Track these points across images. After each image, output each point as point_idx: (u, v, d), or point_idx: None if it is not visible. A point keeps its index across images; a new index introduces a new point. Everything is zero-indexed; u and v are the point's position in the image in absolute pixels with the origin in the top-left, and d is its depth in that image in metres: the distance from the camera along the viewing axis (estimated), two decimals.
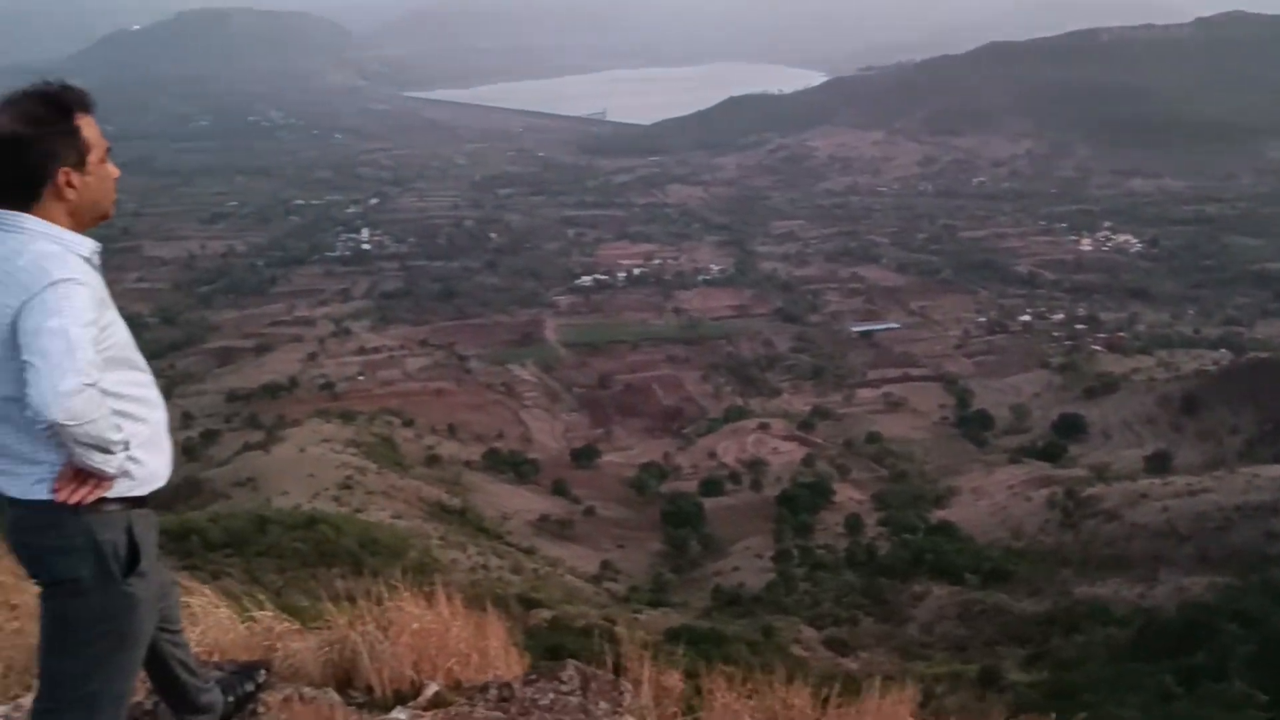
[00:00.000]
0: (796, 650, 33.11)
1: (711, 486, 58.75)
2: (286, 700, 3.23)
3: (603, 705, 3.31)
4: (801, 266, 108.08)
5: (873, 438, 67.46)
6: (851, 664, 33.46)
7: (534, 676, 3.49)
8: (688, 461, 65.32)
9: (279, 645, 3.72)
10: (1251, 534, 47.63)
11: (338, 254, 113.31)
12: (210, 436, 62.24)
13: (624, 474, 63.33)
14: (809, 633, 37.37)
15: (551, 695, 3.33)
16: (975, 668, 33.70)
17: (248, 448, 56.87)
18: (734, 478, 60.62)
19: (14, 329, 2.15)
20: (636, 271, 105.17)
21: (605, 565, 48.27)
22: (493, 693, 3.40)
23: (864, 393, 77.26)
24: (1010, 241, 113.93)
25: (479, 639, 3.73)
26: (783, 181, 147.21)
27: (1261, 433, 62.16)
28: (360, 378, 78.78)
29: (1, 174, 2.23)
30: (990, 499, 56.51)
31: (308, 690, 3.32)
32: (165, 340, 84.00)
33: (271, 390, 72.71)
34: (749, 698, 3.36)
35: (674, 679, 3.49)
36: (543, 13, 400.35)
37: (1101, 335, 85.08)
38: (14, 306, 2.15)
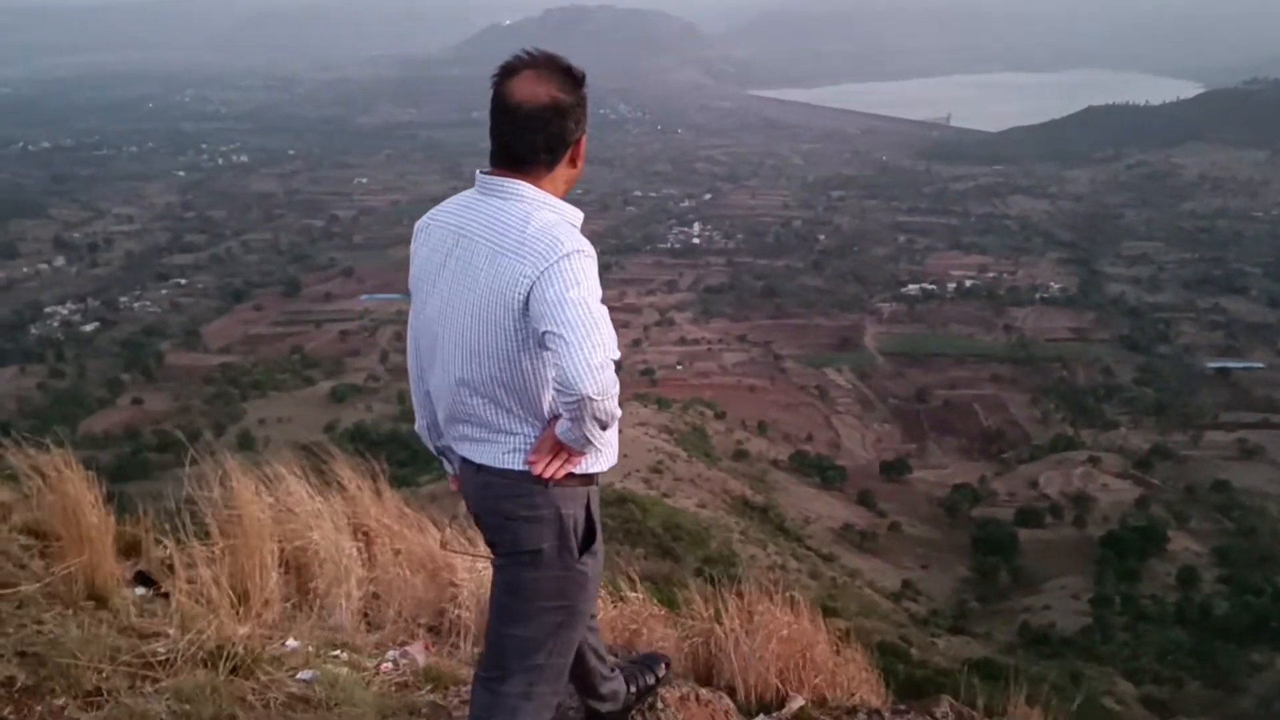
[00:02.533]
0: (1109, 703, 30.65)
1: (1029, 517, 55.52)
2: (683, 699, 3.20)
3: None
4: (1153, 292, 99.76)
5: (1219, 485, 61.14)
6: None
7: (904, 708, 3.33)
8: (1005, 488, 62.07)
9: (644, 630, 3.81)
10: None
11: (668, 246, 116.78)
12: None
13: (935, 493, 61.16)
14: (1124, 686, 34.46)
15: None
16: None
17: None
18: (1055, 511, 56.97)
19: (527, 299, 2.14)
20: (968, 283, 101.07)
21: (906, 584, 46.79)
22: (861, 718, 3.26)
23: (1214, 435, 70.16)
24: None
25: (841, 658, 3.62)
26: (1140, 200, 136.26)
27: None
28: (679, 367, 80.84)
29: (531, 139, 2.22)
30: None
31: (704, 691, 3.29)
32: None
33: None
34: None
35: None
36: (894, 12, 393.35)
37: None
38: (530, 276, 2.13)
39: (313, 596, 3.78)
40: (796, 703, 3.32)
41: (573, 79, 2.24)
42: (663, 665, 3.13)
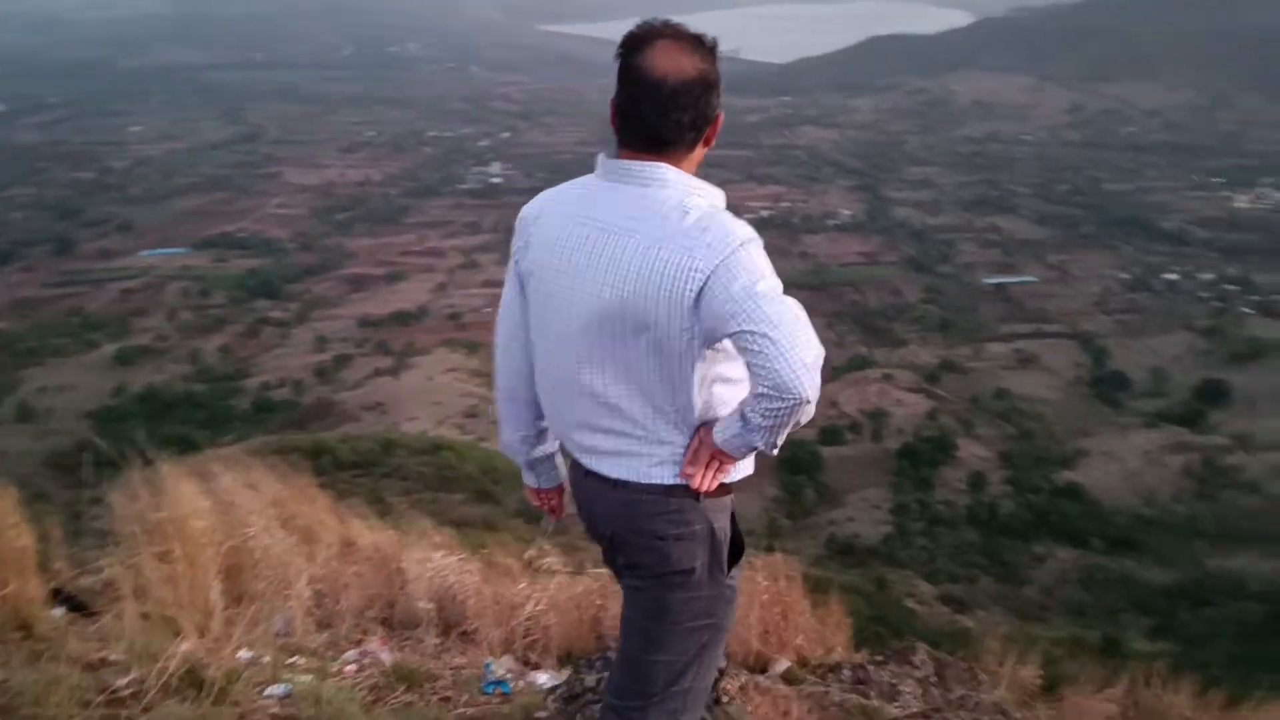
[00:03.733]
0: (911, 604, 32.74)
1: (830, 435, 58.11)
2: (743, 688, 3.12)
3: (959, 692, 3.19)
4: (935, 215, 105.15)
5: (1001, 394, 65.66)
6: (968, 621, 32.96)
7: (881, 659, 3.39)
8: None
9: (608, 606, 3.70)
10: None
11: (468, 187, 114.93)
12: (342, 360, 64.26)
13: None
14: (925, 587, 36.83)
15: (911, 682, 3.23)
16: (1097, 635, 32.80)
17: (378, 373, 58.49)
18: (854, 428, 59.85)
19: (698, 296, 1.90)
20: (764, 213, 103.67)
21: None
22: (846, 674, 3.32)
23: (994, 347, 75.12)
24: (1159, 196, 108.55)
25: (818, 617, 3.65)
26: (920, 126, 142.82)
27: None
28: (487, 310, 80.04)
29: (679, 116, 1.96)
30: (1122, 463, 54.57)
31: (761, 679, 3.22)
32: (303, 265, 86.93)
33: (401, 318, 74.70)
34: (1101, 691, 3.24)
35: (1031, 673, 3.41)
36: None
37: (1254, 298, 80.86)
38: (704, 270, 1.89)
39: (248, 600, 3.49)
40: (781, 665, 3.32)
41: (707, 48, 2.01)
42: (723, 658, 2.85)
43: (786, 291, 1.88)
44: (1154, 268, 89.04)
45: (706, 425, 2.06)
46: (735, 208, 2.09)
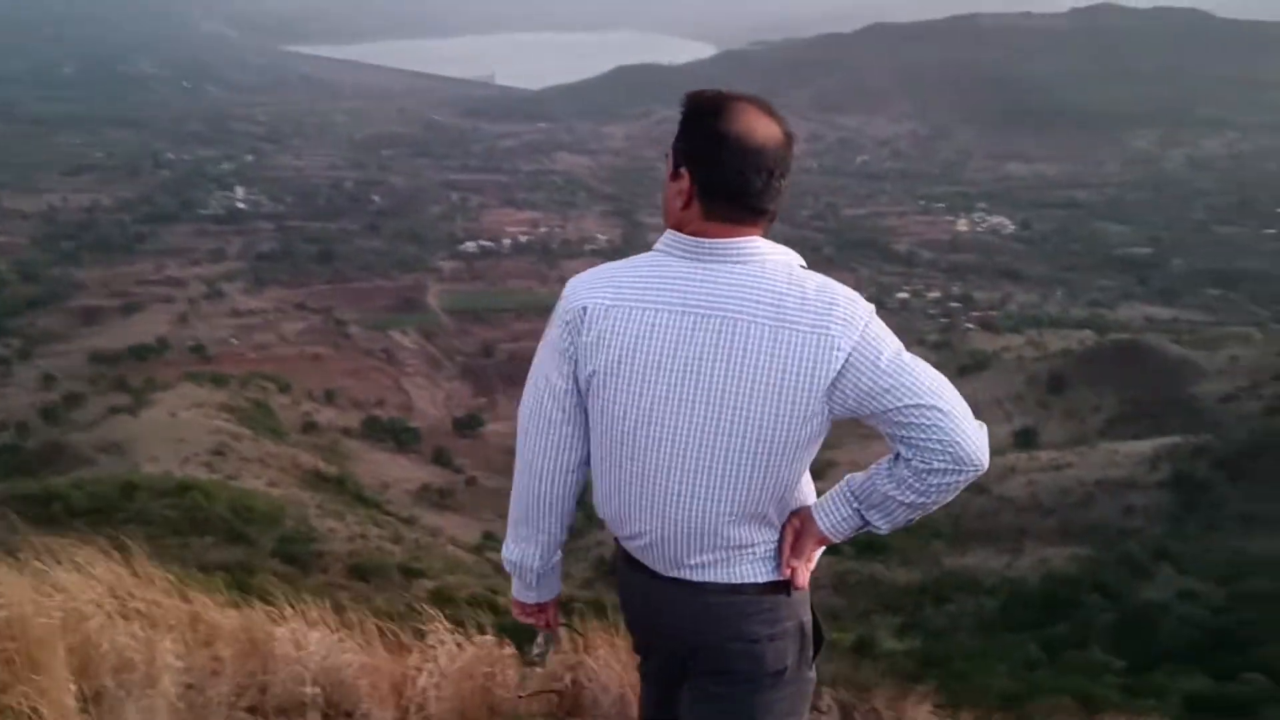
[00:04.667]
0: None
1: None
2: None
3: None
4: None
5: None
6: None
7: None
8: None
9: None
10: (1111, 508, 49.84)
11: (210, 212, 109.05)
12: (74, 400, 59.39)
13: (508, 443, 62.37)
14: None
15: None
16: (851, 636, 34.42)
17: (114, 411, 54.45)
18: None
19: (838, 377, 1.72)
20: (522, 239, 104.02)
21: (488, 535, 47.72)
22: None
23: None
24: (890, 220, 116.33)
25: None
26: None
27: (1122, 411, 65.03)
28: (234, 341, 76.20)
29: (776, 184, 1.81)
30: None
31: None
32: (23, 296, 79.95)
33: (139, 352, 69.79)
34: None
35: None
36: None
37: (975, 314, 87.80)
38: (845, 347, 1.72)
39: (105, 702, 2.98)
40: None
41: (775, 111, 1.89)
42: None
43: (539, 313, 1.80)
44: (887, 287, 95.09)
45: (796, 513, 1.92)
46: (494, 234, 1.92)
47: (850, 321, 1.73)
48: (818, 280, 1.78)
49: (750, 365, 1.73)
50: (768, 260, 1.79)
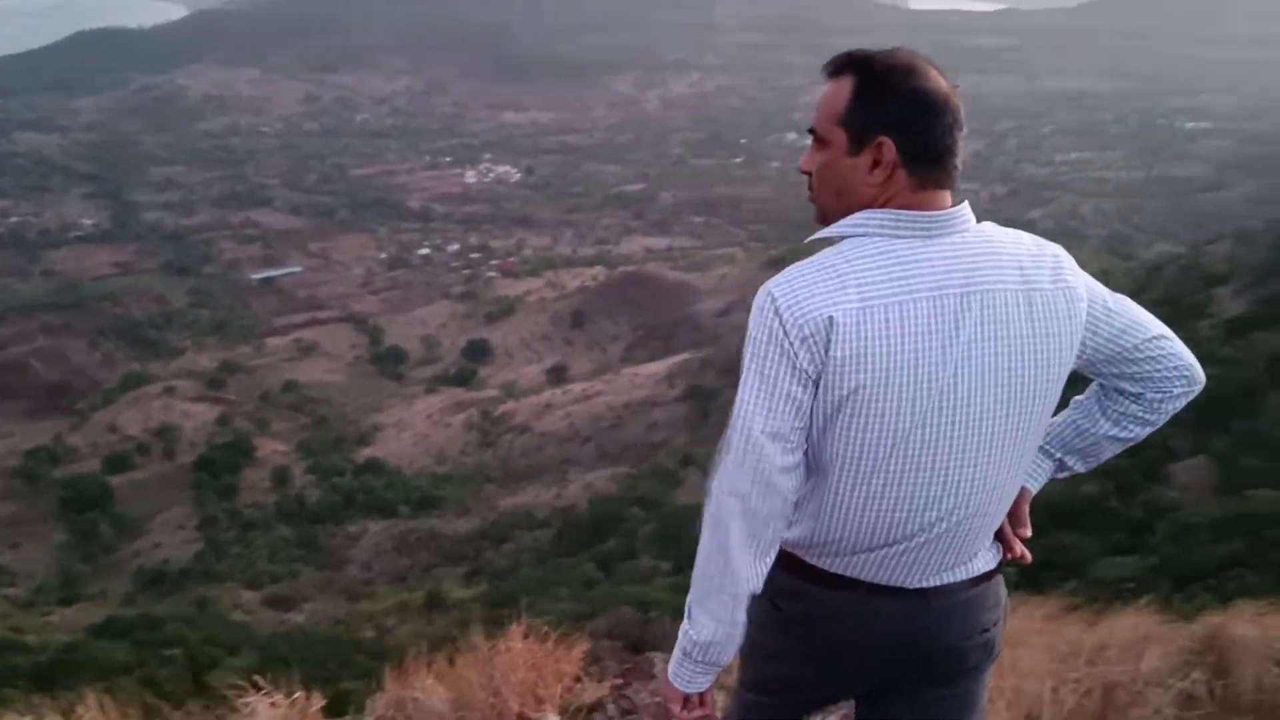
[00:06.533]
0: (239, 616, 31.80)
1: (117, 463, 53.80)
2: None
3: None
4: (188, 215, 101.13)
5: (289, 386, 65.90)
6: (298, 617, 32.89)
7: (622, 680, 3.13)
8: (84, 440, 58.94)
9: None
10: (639, 427, 54.17)
11: None
12: None
13: (7, 464, 55.59)
14: (249, 596, 36.05)
15: None
16: (420, 594, 34.78)
17: None
18: (142, 449, 55.98)
19: (1087, 324, 1.65)
20: None
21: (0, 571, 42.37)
22: (612, 708, 2.99)
23: (274, 341, 74.99)
24: (400, 178, 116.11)
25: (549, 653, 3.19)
26: (154, 125, 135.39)
27: (637, 337, 70.51)
28: None
29: (960, 143, 1.62)
30: (413, 430, 58.14)
31: None
32: None
33: None
34: None
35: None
36: None
37: (494, 262, 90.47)
38: (1082, 295, 1.64)
39: None
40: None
41: None
42: None
43: (22, 313, 1.59)
44: (408, 245, 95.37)
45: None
46: None
47: (1075, 268, 1.67)
48: (1019, 231, 1.70)
49: (1017, 335, 1.61)
50: (980, 224, 1.65)
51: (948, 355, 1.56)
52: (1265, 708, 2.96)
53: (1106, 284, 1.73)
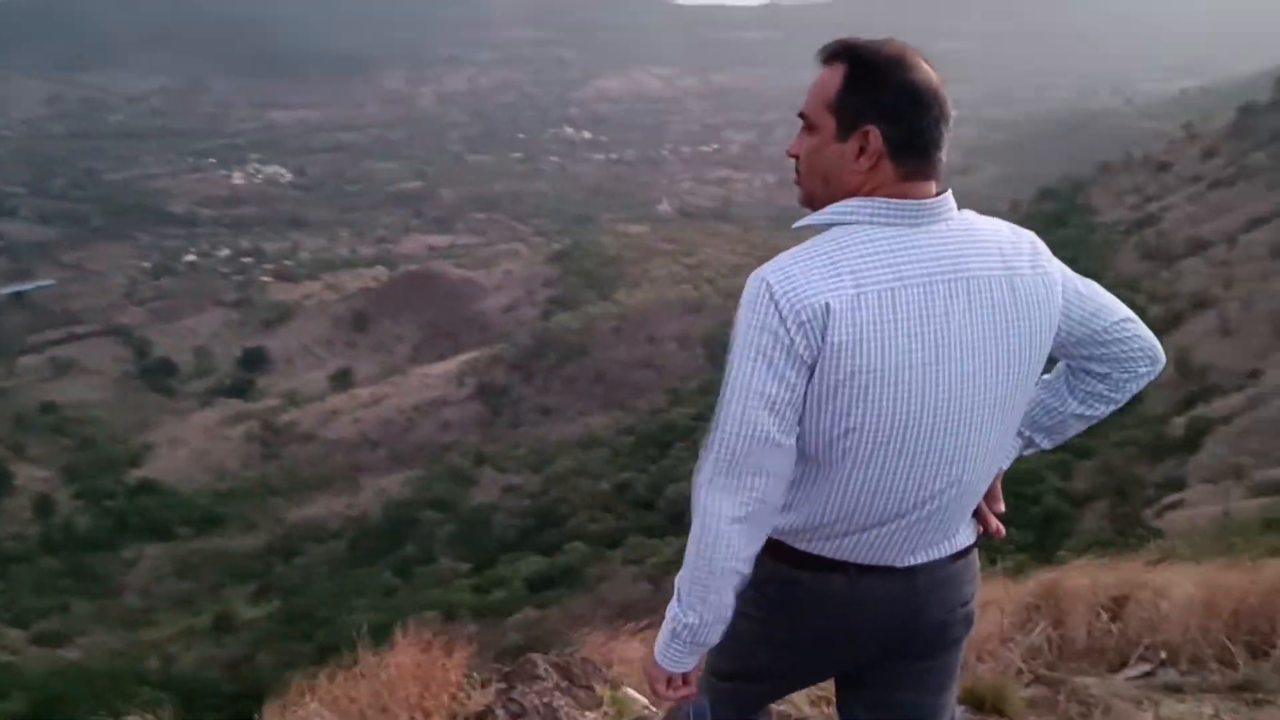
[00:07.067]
0: (3, 657, 29.65)
1: None
2: None
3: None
4: None
5: (48, 408, 61.35)
6: (71, 653, 30.92)
7: (506, 685, 3.00)
8: None
9: None
10: (430, 428, 53.55)
11: None
12: None
13: None
14: (15, 635, 33.54)
15: (559, 695, 3.00)
16: (207, 617, 33.36)
17: None
18: None
19: (1062, 308, 1.71)
20: None
21: None
22: (501, 714, 2.90)
23: (27, 360, 69.65)
24: (161, 181, 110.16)
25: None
26: None
27: (423, 337, 69.54)
28: None
29: (946, 135, 1.65)
30: (188, 446, 55.36)
31: None
32: None
33: None
34: None
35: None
36: None
37: (268, 266, 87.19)
38: (1058, 279, 1.71)
39: None
40: None
41: None
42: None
43: None
44: (173, 252, 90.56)
45: None
46: None
47: (1049, 254, 1.74)
48: (995, 219, 1.76)
49: (1003, 320, 1.66)
50: (963, 210, 1.71)
51: (940, 339, 1.61)
52: (1096, 651, 3.32)
53: None
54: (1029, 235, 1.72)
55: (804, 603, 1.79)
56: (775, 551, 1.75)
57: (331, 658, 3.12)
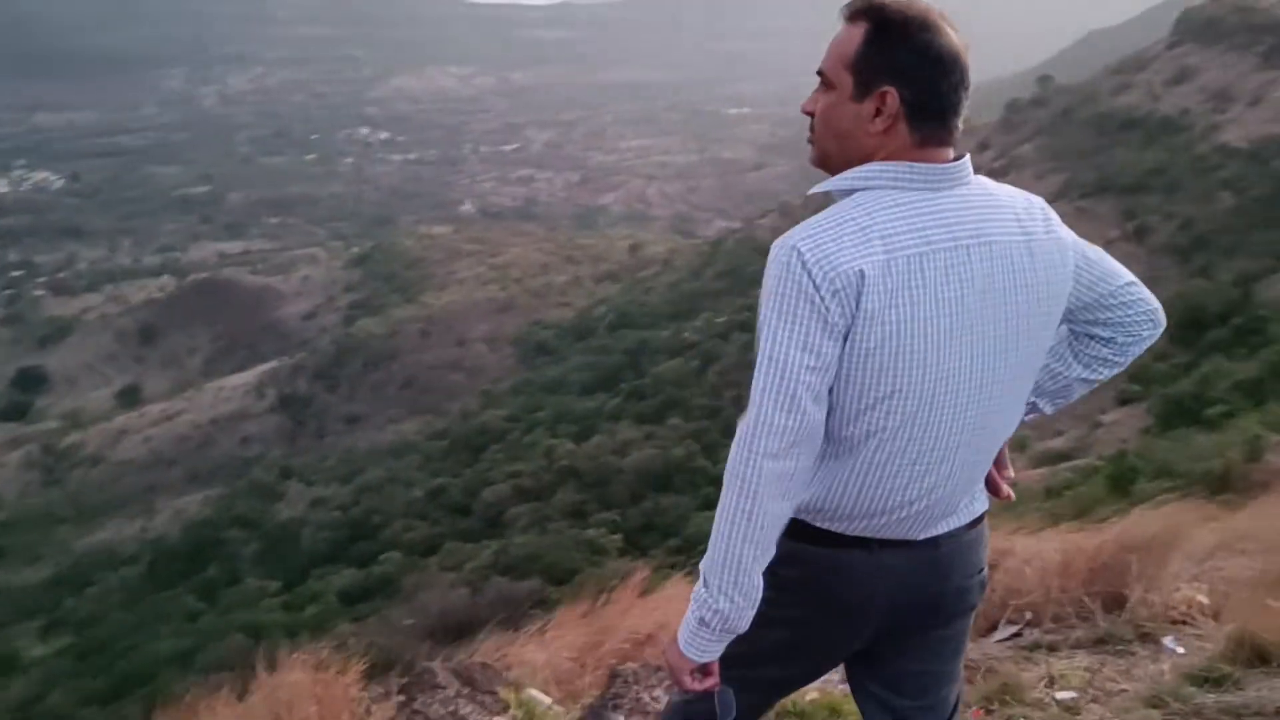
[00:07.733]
0: None
1: None
2: None
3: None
4: None
5: None
6: None
7: (405, 696, 2.94)
8: None
9: None
10: (230, 443, 51.29)
11: None
12: None
13: None
14: None
15: (463, 702, 2.93)
16: None
17: None
18: None
19: (1074, 273, 1.71)
20: None
21: None
22: None
23: None
24: None
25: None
26: None
27: (218, 349, 66.53)
28: None
29: (966, 99, 1.63)
30: None
31: None
32: None
33: None
34: None
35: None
36: None
37: (42, 279, 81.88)
38: (1069, 245, 1.69)
39: None
40: None
41: None
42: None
43: None
44: None
45: None
46: None
47: (1059, 220, 1.74)
48: (1007, 185, 1.76)
49: (1024, 284, 1.64)
50: (978, 175, 1.68)
51: (967, 304, 1.59)
52: None
53: (674, 262, 1.96)
54: (1039, 201, 1.73)
55: (822, 581, 1.77)
56: (793, 530, 1.71)
57: (134, 689, 3.01)
